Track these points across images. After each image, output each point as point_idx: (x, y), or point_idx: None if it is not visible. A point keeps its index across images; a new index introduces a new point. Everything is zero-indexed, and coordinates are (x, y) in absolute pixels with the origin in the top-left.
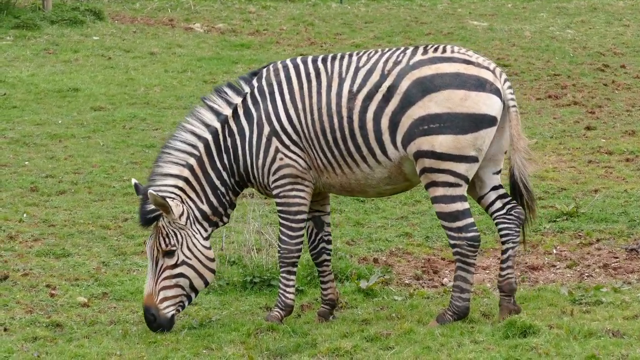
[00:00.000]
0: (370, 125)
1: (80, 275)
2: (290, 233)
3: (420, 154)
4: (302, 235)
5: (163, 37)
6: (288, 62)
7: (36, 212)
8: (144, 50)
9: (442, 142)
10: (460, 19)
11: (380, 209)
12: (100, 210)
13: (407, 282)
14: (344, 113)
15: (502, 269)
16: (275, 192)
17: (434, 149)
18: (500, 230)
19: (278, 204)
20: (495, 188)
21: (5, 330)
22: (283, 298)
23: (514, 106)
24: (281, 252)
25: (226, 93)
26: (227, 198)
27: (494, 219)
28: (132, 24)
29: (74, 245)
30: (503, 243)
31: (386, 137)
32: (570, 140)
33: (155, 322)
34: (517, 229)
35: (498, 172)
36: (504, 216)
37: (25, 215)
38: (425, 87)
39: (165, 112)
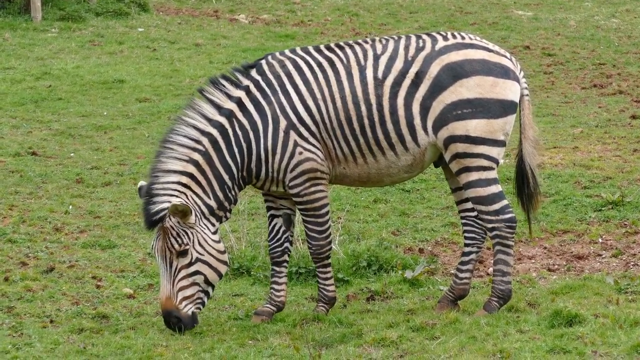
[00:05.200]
0: (401, 111)
1: (126, 266)
2: (318, 229)
3: (453, 139)
4: (330, 227)
5: (208, 28)
6: (288, 53)
7: (82, 203)
8: (188, 41)
9: (476, 126)
10: (505, 8)
11: (426, 199)
12: None
13: (452, 272)
14: (373, 100)
15: (460, 271)
16: (294, 190)
17: (469, 133)
18: (467, 232)
19: (300, 203)
20: None
21: (51, 322)
22: (325, 292)
23: (527, 95)
24: (313, 249)
25: (224, 85)
26: (233, 193)
27: (462, 218)
28: (177, 15)
29: (119, 236)
30: (467, 245)
31: (417, 122)
32: (616, 129)
33: (180, 324)
34: (484, 235)
35: None
36: (474, 219)
37: (71, 207)
38: (456, 72)
39: None
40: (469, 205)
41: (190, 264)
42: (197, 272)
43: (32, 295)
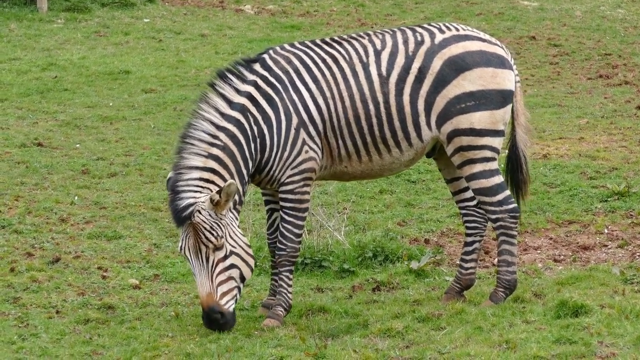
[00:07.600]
0: (407, 108)
1: (132, 257)
2: (297, 231)
3: (457, 133)
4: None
5: (213, 18)
6: (289, 47)
7: (87, 194)
8: (194, 32)
9: (480, 119)
10: None
11: (432, 189)
12: (151, 192)
13: (458, 262)
14: (380, 98)
15: (465, 261)
16: (288, 187)
17: (474, 126)
18: (468, 222)
19: (288, 201)
20: None
21: (57, 312)
22: (286, 298)
23: (519, 81)
24: (287, 250)
25: (231, 79)
26: (246, 188)
27: (461, 208)
28: (182, 6)
29: (125, 227)
30: (469, 235)
31: (422, 119)
32: (622, 120)
33: (223, 319)
34: (486, 224)
35: None
36: (474, 208)
37: (76, 197)
38: (458, 66)
39: None
40: (468, 194)
41: (225, 257)
42: (232, 266)
43: (38, 286)
